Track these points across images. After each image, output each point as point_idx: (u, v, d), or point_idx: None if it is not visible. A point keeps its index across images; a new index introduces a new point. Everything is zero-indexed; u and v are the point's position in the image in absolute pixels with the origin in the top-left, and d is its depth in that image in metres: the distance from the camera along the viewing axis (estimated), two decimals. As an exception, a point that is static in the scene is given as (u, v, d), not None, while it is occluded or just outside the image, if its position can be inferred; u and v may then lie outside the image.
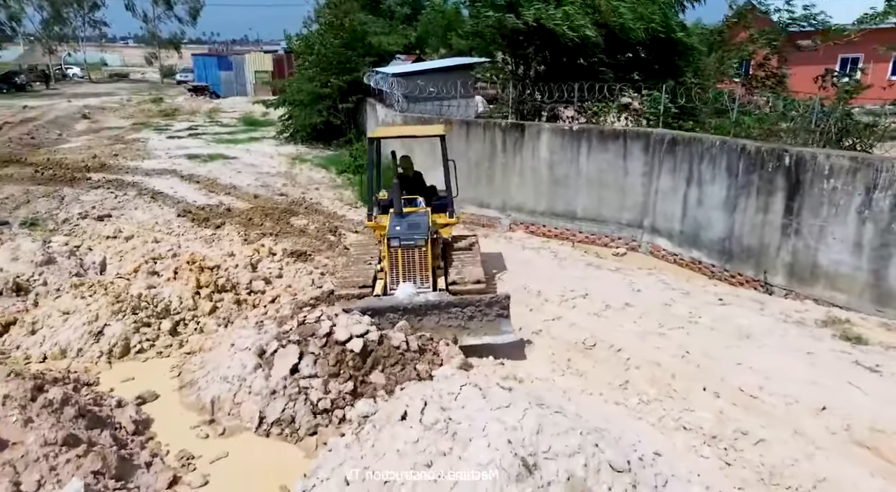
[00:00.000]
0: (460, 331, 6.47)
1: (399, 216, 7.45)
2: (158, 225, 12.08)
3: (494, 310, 6.43)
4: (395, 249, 7.07)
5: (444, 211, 8.34)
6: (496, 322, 6.44)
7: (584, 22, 11.91)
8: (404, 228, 7.20)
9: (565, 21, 11.98)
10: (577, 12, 12.14)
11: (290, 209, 13.06)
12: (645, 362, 6.46)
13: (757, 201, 9.38)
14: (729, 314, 7.74)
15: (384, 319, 6.36)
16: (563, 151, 12.14)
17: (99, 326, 7.32)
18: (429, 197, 8.40)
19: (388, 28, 23.14)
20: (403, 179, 8.55)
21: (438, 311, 6.42)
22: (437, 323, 6.44)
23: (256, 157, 18.11)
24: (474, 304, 6.43)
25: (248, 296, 8.44)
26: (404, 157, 9.10)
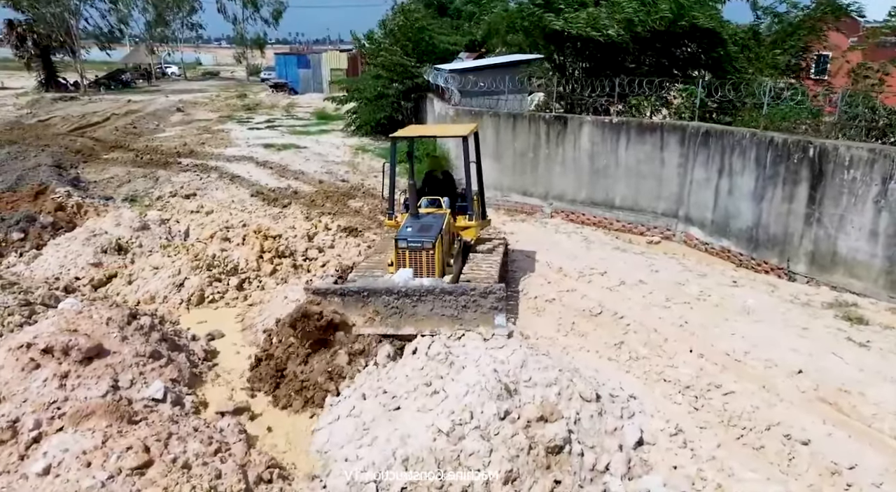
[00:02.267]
0: (452, 320, 6.31)
1: (414, 217, 7.43)
2: (234, 203, 13.63)
3: (489, 301, 6.21)
4: (402, 251, 7.01)
5: (465, 213, 8.21)
6: (489, 314, 6.23)
7: (607, 21, 12.38)
8: (415, 229, 7.14)
9: (589, 22, 12.50)
10: (600, 13, 12.64)
11: (349, 193, 14.33)
12: (643, 328, 7.15)
13: (783, 191, 9.74)
14: (738, 294, 8.25)
15: (379, 301, 6.38)
16: (604, 142, 12.76)
17: (181, 279, 8.74)
18: (455, 198, 8.35)
19: (453, 28, 24.16)
20: (432, 178, 8.76)
21: (433, 297, 6.30)
22: (431, 311, 6.33)
23: (324, 147, 19.62)
24: (468, 293, 6.25)
25: (304, 262, 9.68)
26: (436, 156, 9.79)
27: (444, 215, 7.62)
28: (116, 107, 28.41)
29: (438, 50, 21.48)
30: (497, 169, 14.51)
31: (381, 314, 6.41)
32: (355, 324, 6.48)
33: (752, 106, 11.92)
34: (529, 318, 7.57)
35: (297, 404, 6.01)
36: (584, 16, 12.73)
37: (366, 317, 6.45)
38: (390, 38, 21.53)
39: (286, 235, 10.07)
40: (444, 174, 8.96)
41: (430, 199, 8.09)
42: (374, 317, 6.45)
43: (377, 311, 6.42)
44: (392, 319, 6.41)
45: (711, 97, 11.53)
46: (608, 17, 12.47)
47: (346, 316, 6.49)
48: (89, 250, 9.71)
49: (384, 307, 6.38)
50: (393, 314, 6.42)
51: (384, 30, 22.92)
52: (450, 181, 8.79)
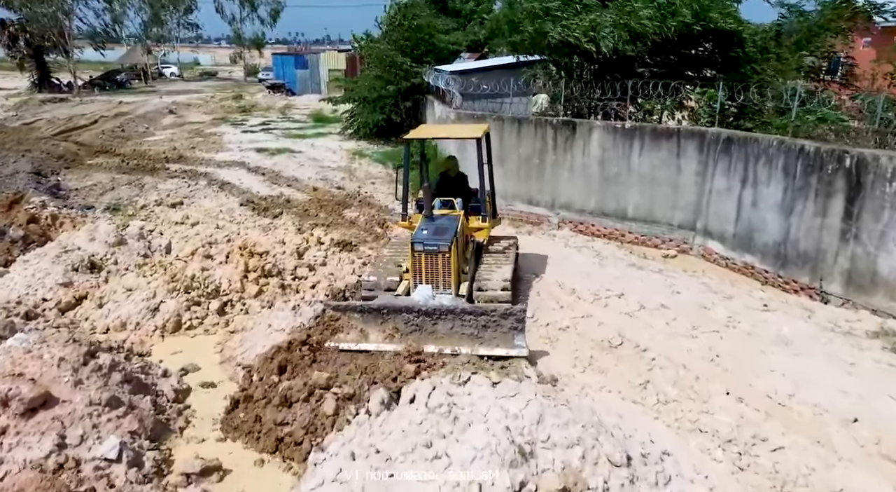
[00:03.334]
0: (472, 339, 6.31)
1: (428, 219, 7.40)
2: (222, 213, 12.83)
3: (509, 322, 6.20)
4: (418, 254, 6.97)
5: (479, 214, 8.17)
6: (510, 335, 6.23)
7: (607, 31, 11.50)
8: (430, 232, 7.09)
9: (587, 32, 11.63)
10: (604, 20, 11.76)
11: (345, 202, 13.54)
12: (669, 363, 6.35)
13: (815, 204, 8.93)
14: (771, 320, 7.44)
15: (399, 319, 6.38)
16: (615, 148, 11.96)
17: (156, 303, 7.95)
18: (468, 199, 8.29)
19: (454, 26, 23.36)
20: (446, 179, 8.62)
21: (453, 317, 6.31)
22: (451, 329, 6.34)
23: (320, 151, 18.82)
24: (488, 313, 6.25)
25: (293, 281, 8.87)
26: (450, 157, 9.15)
27: (458, 217, 7.57)
28: (106, 109, 27.61)
29: (438, 49, 20.67)
30: (501, 176, 13.63)
31: (401, 331, 6.40)
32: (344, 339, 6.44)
33: (774, 110, 11.12)
34: (542, 349, 6.76)
35: (277, 460, 5.21)
36: (587, 23, 11.91)
37: (385, 333, 6.44)
38: (387, 38, 20.70)
39: (274, 251, 9.27)
40: (459, 175, 8.75)
41: (442, 200, 7.97)
42: (393, 334, 6.42)
43: (397, 328, 6.41)
44: (412, 336, 6.38)
45: (733, 101, 10.72)
46: (613, 25, 11.62)
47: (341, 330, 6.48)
48: (59, 269, 8.91)
49: (404, 325, 6.39)
50: (413, 331, 6.40)
51: (382, 28, 22.10)
52: (463, 181, 8.66)
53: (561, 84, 12.80)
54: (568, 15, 12.22)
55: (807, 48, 12.09)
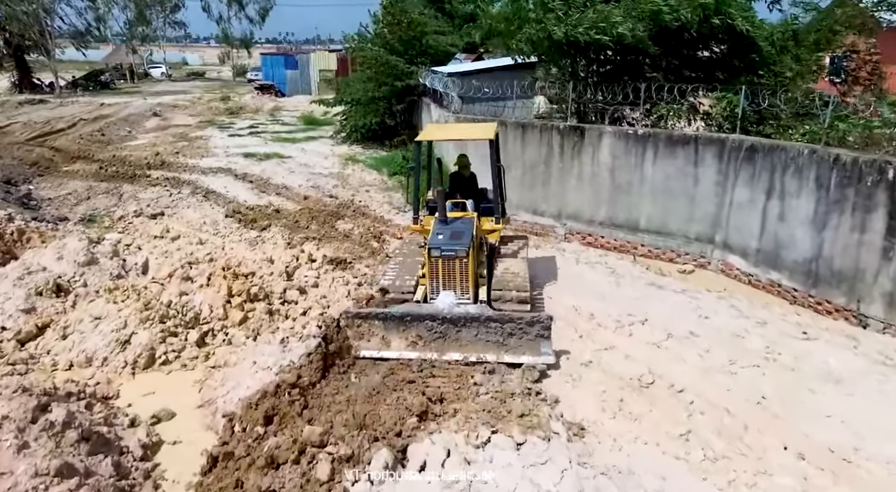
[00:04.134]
0: (497, 346, 6.21)
1: (443, 223, 7.23)
2: (206, 225, 11.96)
3: (535, 329, 6.11)
4: (435, 260, 6.79)
5: (492, 215, 7.99)
6: (536, 342, 6.11)
7: (619, 19, 10.71)
8: (447, 236, 6.93)
9: (596, 23, 10.83)
10: (612, 10, 11.00)
11: (337, 212, 12.69)
12: (711, 407, 5.59)
13: (852, 219, 8.20)
14: (814, 351, 6.70)
15: (422, 327, 6.30)
16: (627, 156, 11.19)
17: (126, 334, 7.09)
18: (479, 200, 8.14)
19: (450, 27, 22.54)
20: (458, 178, 8.47)
21: (478, 324, 6.21)
22: (476, 336, 6.23)
23: (311, 156, 17.94)
24: (515, 321, 6.15)
25: (281, 306, 8.04)
26: (462, 155, 8.80)
27: (472, 220, 7.46)
28: (86, 111, 26.48)
29: (434, 50, 19.84)
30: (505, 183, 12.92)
31: (424, 339, 6.33)
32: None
33: (791, 115, 10.34)
34: (564, 389, 5.97)
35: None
36: (592, 15, 11.12)
37: (408, 341, 6.35)
38: (381, 38, 19.81)
39: (261, 272, 8.43)
40: (471, 175, 8.63)
41: (454, 202, 7.81)
42: (416, 341, 6.34)
43: (420, 335, 6.33)
44: (436, 343, 6.31)
45: (757, 106, 9.96)
46: (624, 14, 10.85)
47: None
48: (21, 293, 8.05)
49: (427, 332, 6.31)
50: (437, 339, 6.32)
51: (374, 28, 21.20)
52: (474, 182, 8.57)
53: (569, 87, 11.99)
54: (574, 13, 11.44)
55: (826, 48, 11.38)
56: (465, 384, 5.99)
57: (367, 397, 5.84)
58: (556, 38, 11.20)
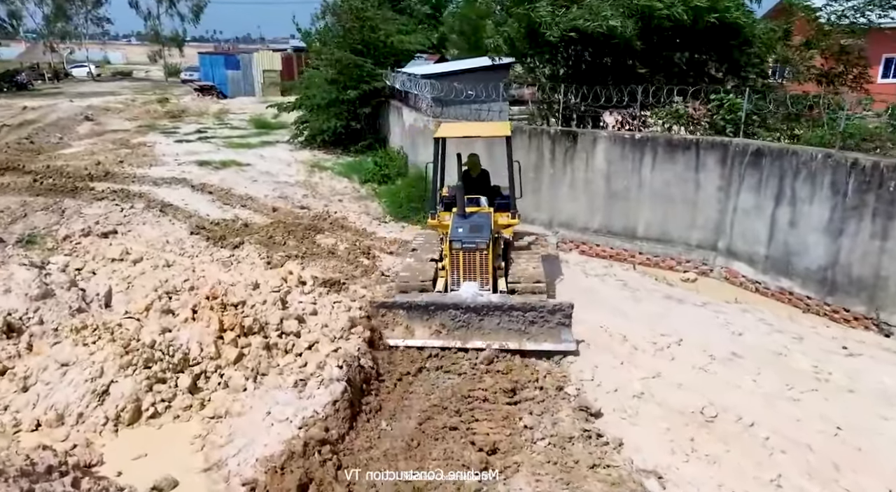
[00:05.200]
0: (519, 334, 6.41)
1: (462, 217, 7.44)
2: (169, 244, 10.79)
3: (557, 317, 6.34)
4: (456, 252, 7.06)
5: (507, 211, 8.18)
6: (557, 330, 6.33)
7: (609, 12, 10.37)
8: (466, 230, 7.18)
9: (585, 15, 10.48)
10: (603, 4, 10.65)
11: (315, 225, 11.74)
12: (789, 443, 5.15)
13: (872, 225, 8.04)
14: (862, 369, 6.43)
15: (446, 316, 6.49)
16: (623, 161, 10.82)
17: (104, 383, 6.02)
18: (492, 197, 8.37)
19: (410, 26, 21.75)
20: (468, 177, 8.57)
21: (500, 313, 6.41)
22: (498, 325, 6.42)
23: (272, 163, 16.79)
24: (536, 309, 6.36)
25: (279, 338, 7.11)
26: (472, 154, 8.91)
27: (489, 214, 7.69)
28: (9, 116, 24.15)
29: (398, 51, 19.01)
30: (490, 191, 12.32)
31: (448, 327, 6.53)
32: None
33: (783, 118, 10.20)
34: (622, 428, 5.41)
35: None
36: (577, 11, 10.68)
37: (432, 329, 6.54)
38: (344, 39, 18.71)
39: (251, 300, 7.47)
40: (481, 173, 8.79)
41: (469, 198, 7.88)
42: (440, 330, 6.54)
43: (444, 324, 6.53)
44: (459, 331, 6.51)
45: (760, 109, 9.76)
46: (614, 10, 10.45)
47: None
48: (-39, 336, 6.80)
49: (451, 320, 6.49)
50: (460, 327, 6.52)
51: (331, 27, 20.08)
52: (486, 180, 8.74)
53: (560, 89, 11.49)
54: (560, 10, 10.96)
55: (816, 46, 11.36)
56: (515, 428, 5.35)
57: (406, 451, 5.12)
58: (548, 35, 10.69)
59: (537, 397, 5.82)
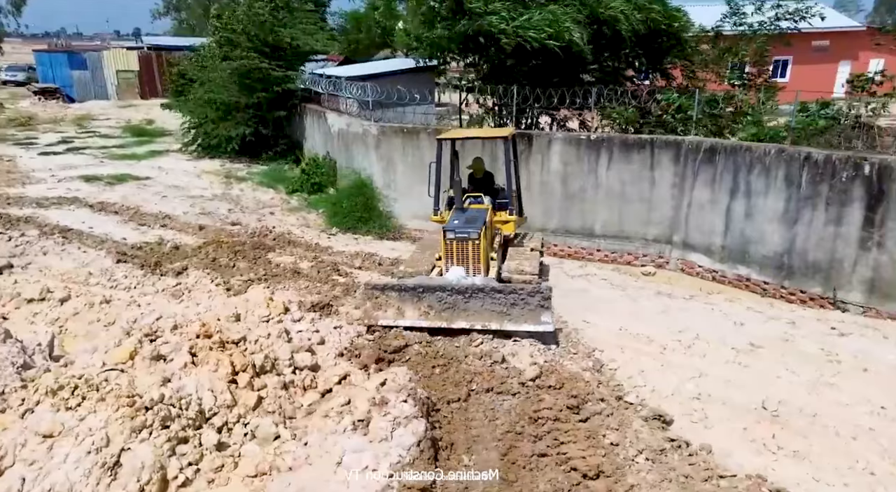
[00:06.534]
0: (501, 316, 6.61)
1: (460, 211, 7.92)
2: (93, 276, 9.20)
3: (536, 300, 6.49)
4: (450, 242, 7.45)
5: (506, 209, 8.61)
6: (537, 312, 6.50)
7: (569, 24, 10.67)
8: (461, 222, 7.58)
9: (546, 29, 10.65)
10: (564, 13, 10.91)
11: (261, 243, 10.66)
12: (853, 429, 5.46)
13: (826, 214, 8.88)
14: (866, 349, 7.06)
15: (433, 297, 6.72)
16: (579, 162, 11.04)
17: (113, 453, 4.89)
18: (495, 196, 8.78)
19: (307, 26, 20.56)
20: (473, 179, 9.05)
21: (483, 295, 6.63)
22: (482, 306, 6.66)
23: (176, 176, 15.05)
24: (517, 292, 6.57)
25: (294, 375, 6.31)
26: (477, 158, 9.28)
27: (486, 210, 8.14)
28: None
29: (301, 52, 17.89)
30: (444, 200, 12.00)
31: (435, 309, 6.75)
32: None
33: (704, 116, 10.98)
34: (700, 433, 5.40)
35: None
36: (537, 18, 10.76)
37: (420, 311, 6.78)
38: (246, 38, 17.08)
39: (252, 335, 6.55)
40: (485, 175, 9.21)
41: (472, 196, 8.48)
42: (428, 311, 6.77)
43: (431, 306, 6.76)
44: (445, 313, 6.73)
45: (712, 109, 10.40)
46: (574, 20, 10.65)
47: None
48: None
49: (438, 302, 6.74)
50: (446, 309, 6.74)
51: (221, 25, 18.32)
52: (490, 180, 9.16)
53: (512, 90, 11.44)
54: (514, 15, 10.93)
55: (740, 50, 12.38)
56: (603, 447, 5.14)
57: (509, 488, 4.74)
58: (503, 42, 10.61)
59: (605, 410, 5.64)
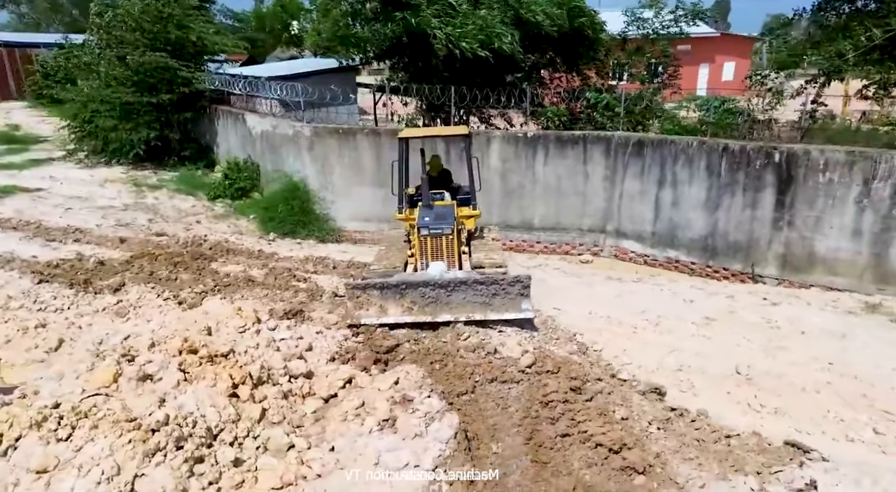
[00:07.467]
0: (484, 307, 6.79)
1: (428, 208, 8.05)
2: (13, 298, 8.24)
3: (516, 289, 6.73)
4: (424, 238, 7.66)
5: (468, 205, 8.94)
6: (517, 300, 6.74)
7: (500, 30, 11.13)
8: (433, 218, 7.78)
9: (478, 36, 11.04)
10: (493, 18, 11.34)
11: (200, 253, 10.04)
12: (815, 384, 6.20)
13: (743, 199, 9.93)
14: (796, 315, 8.03)
15: (416, 293, 6.81)
16: (517, 159, 11.49)
17: (126, 480, 4.47)
18: (454, 193, 9.08)
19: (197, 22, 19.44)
20: (431, 177, 8.97)
21: (466, 287, 6.80)
22: (464, 299, 6.82)
23: (75, 186, 13.66)
24: (498, 282, 6.79)
25: (290, 383, 6.10)
26: (434, 156, 9.56)
27: (453, 205, 8.45)
28: None
29: (205, 51, 16.91)
30: (381, 198, 11.95)
31: (419, 304, 6.85)
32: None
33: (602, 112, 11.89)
34: (691, 400, 5.88)
35: None
36: (470, 26, 11.06)
37: (403, 307, 6.84)
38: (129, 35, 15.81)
39: (240, 347, 6.23)
40: (441, 172, 9.45)
41: (433, 192, 8.51)
42: (411, 307, 6.84)
43: (414, 301, 6.85)
44: (429, 307, 6.84)
45: (636, 105, 11.24)
46: (503, 25, 11.06)
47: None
48: None
49: (421, 298, 6.84)
50: (430, 303, 6.85)
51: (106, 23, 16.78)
52: (448, 178, 9.46)
53: (450, 91, 11.64)
54: (445, 21, 11.13)
55: (647, 51, 13.42)
56: (616, 422, 5.47)
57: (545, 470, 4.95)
58: (437, 48, 10.79)
59: (605, 389, 5.98)
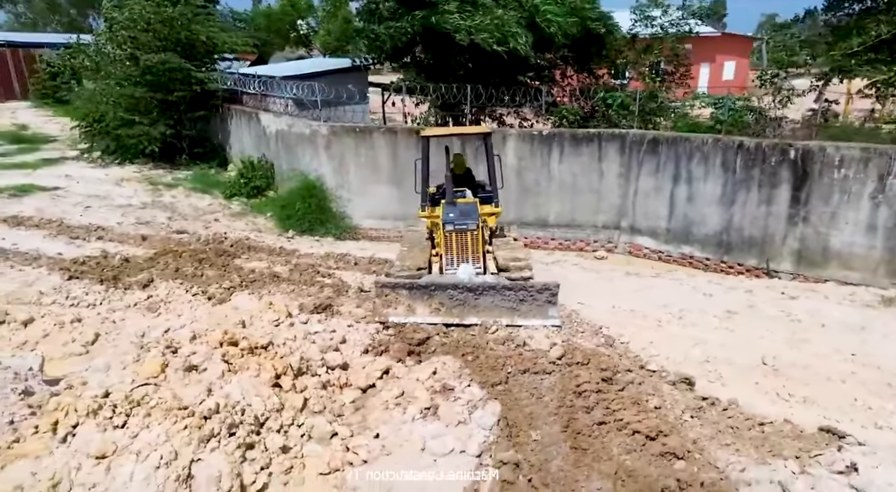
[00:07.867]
0: (511, 312, 6.87)
1: (451, 205, 8.06)
2: (45, 294, 8.38)
3: (544, 296, 6.80)
4: (449, 234, 7.68)
5: (489, 203, 8.96)
6: (544, 307, 6.81)
7: (517, 30, 11.32)
8: (457, 214, 7.82)
9: (495, 33, 11.22)
10: (510, 18, 11.52)
11: (224, 250, 10.18)
12: (841, 375, 6.32)
13: (759, 195, 10.09)
14: (815, 308, 8.15)
15: (445, 295, 6.88)
16: (533, 157, 11.64)
17: (183, 464, 4.64)
18: (476, 191, 9.13)
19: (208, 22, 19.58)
20: (455, 175, 9.06)
21: (494, 292, 6.88)
22: (492, 303, 6.89)
23: (91, 185, 13.79)
24: (526, 289, 6.89)
25: (328, 374, 6.25)
26: (457, 154, 9.61)
27: (476, 202, 8.39)
28: None
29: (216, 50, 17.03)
30: (398, 197, 12.10)
31: (447, 306, 6.94)
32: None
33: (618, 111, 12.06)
34: (719, 390, 5.99)
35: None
36: (488, 22, 11.23)
37: (431, 308, 6.93)
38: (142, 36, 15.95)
39: (279, 339, 6.39)
40: (466, 171, 9.52)
41: (457, 191, 8.57)
42: (439, 308, 6.94)
43: (442, 303, 6.93)
44: (456, 310, 6.93)
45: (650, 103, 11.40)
46: (515, 24, 11.23)
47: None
48: None
49: (449, 300, 6.92)
50: (458, 306, 6.94)
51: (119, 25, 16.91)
52: (471, 177, 9.53)
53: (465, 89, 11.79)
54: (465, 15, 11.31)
55: (656, 49, 13.59)
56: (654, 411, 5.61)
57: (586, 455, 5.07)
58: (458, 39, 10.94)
59: (636, 379, 6.12)
